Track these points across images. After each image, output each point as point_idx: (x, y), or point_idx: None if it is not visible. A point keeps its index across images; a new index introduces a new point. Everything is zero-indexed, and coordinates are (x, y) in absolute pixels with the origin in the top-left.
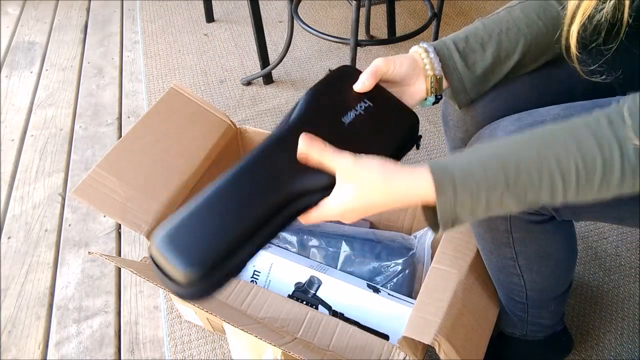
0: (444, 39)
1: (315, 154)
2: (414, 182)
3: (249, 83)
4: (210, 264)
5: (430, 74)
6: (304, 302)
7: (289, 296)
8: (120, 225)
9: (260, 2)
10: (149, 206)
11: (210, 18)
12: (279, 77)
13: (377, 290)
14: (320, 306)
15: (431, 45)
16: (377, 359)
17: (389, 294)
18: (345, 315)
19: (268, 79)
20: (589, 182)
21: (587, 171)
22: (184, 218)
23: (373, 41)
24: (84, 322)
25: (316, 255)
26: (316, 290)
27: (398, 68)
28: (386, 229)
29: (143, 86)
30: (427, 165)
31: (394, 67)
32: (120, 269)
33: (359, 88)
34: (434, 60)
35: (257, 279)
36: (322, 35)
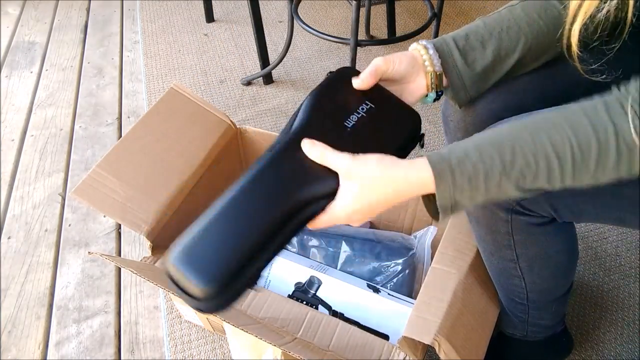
0: (444, 37)
1: (317, 158)
2: (412, 172)
3: (249, 83)
4: (226, 278)
5: (430, 70)
6: (304, 302)
7: (289, 296)
8: (120, 225)
9: (260, 2)
10: (149, 206)
11: (210, 18)
12: (279, 77)
13: (377, 290)
14: (320, 306)
15: (431, 42)
16: (377, 359)
17: (389, 294)
18: (345, 315)
19: (268, 79)
20: (585, 165)
21: (583, 154)
22: (197, 234)
23: (373, 41)
24: (84, 322)
25: (316, 255)
26: (316, 290)
27: (397, 66)
28: (386, 229)
29: (143, 86)
30: (425, 156)
31: (394, 65)
32: (120, 269)
33: (358, 85)
34: (434, 56)
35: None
36: (322, 35)
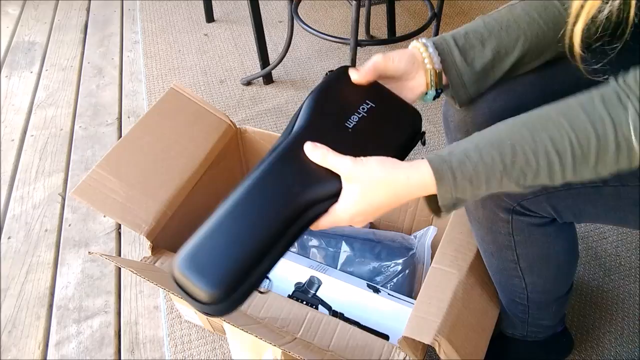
0: (443, 35)
1: (318, 161)
2: (413, 174)
3: (249, 83)
4: (232, 282)
5: (429, 67)
6: (304, 302)
7: (289, 296)
8: (120, 225)
9: (260, 2)
10: (149, 206)
11: (210, 18)
12: (279, 77)
13: (377, 290)
14: (320, 306)
15: (430, 40)
16: (377, 359)
17: (389, 294)
18: (345, 315)
19: (268, 79)
20: (585, 159)
21: (582, 148)
22: (202, 239)
23: (373, 41)
24: (84, 322)
25: (316, 255)
26: (316, 290)
27: (397, 63)
28: (386, 229)
29: (143, 86)
30: (425, 158)
31: (393, 62)
32: (120, 269)
33: (357, 79)
34: (433, 54)
35: None
36: (322, 35)
